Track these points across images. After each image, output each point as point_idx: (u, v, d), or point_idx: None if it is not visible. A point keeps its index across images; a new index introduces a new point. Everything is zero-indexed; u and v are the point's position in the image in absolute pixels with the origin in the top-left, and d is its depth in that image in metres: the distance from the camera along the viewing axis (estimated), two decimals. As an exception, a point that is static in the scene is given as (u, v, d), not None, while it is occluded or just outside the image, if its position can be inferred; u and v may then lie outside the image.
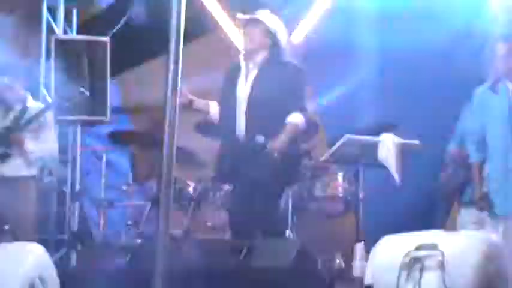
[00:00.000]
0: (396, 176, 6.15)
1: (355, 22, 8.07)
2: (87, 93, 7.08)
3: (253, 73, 6.25)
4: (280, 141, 6.03)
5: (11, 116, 6.79)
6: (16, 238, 6.37)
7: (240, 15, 6.42)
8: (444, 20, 7.70)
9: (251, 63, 6.27)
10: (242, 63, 6.31)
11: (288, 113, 6.13)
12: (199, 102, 6.40)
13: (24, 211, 6.64)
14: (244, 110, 6.17)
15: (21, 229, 6.57)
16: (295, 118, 6.14)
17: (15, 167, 6.68)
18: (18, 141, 6.65)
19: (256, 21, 6.29)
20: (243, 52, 6.34)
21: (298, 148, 6.31)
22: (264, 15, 6.35)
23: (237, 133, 6.17)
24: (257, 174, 6.00)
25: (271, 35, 6.28)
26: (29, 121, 6.71)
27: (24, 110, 6.81)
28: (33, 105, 6.88)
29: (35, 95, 7.40)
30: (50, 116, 6.89)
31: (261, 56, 6.27)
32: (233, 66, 6.39)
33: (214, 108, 6.43)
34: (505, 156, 5.74)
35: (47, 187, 7.95)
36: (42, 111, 6.74)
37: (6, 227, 6.76)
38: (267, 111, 6.10)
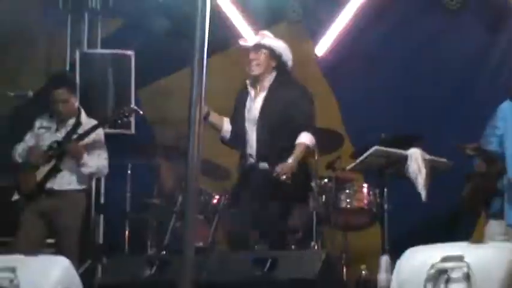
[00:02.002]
0: (423, 194, 6.15)
1: (380, 32, 8.06)
2: (140, 112, 7.10)
3: (261, 96, 6.28)
4: (289, 165, 6.03)
5: (63, 130, 6.82)
6: (60, 251, 6.40)
7: (243, 42, 6.44)
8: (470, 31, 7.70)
9: (259, 87, 6.32)
10: (250, 88, 6.35)
11: (298, 133, 6.14)
12: (214, 116, 6.43)
13: (71, 224, 6.67)
14: (255, 133, 6.20)
15: (66, 242, 6.61)
16: (304, 138, 6.16)
17: (64, 181, 6.71)
18: (76, 151, 6.67)
19: (260, 46, 6.31)
20: (250, 77, 6.36)
21: (309, 167, 6.31)
22: (267, 39, 6.37)
23: (249, 154, 6.20)
24: (267, 195, 6.04)
25: (276, 58, 6.31)
26: (81, 137, 6.73)
27: (77, 124, 6.83)
28: (86, 120, 6.90)
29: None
30: (101, 132, 6.90)
31: (268, 80, 6.31)
32: (242, 90, 6.43)
33: (227, 125, 6.47)
34: None
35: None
36: (94, 127, 6.76)
37: (52, 240, 6.82)
38: (277, 134, 6.14)
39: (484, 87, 7.56)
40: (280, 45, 6.37)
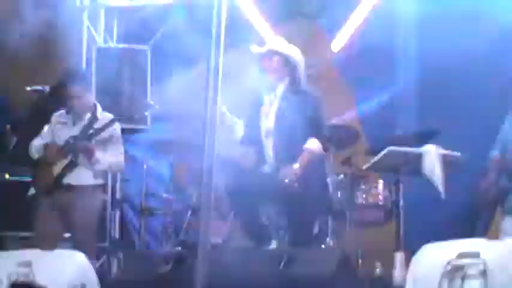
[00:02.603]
0: (442, 189, 6.13)
1: (395, 29, 8.04)
2: (156, 107, 7.10)
3: (275, 106, 6.26)
4: (292, 170, 6.02)
5: (80, 125, 6.85)
6: (76, 246, 6.42)
7: (255, 49, 6.39)
8: (487, 26, 7.66)
9: (272, 95, 6.29)
10: (264, 96, 6.33)
11: (307, 139, 6.14)
12: (227, 118, 6.41)
13: (88, 219, 6.69)
14: (271, 142, 6.18)
15: (83, 237, 6.64)
16: (312, 144, 6.14)
17: (81, 176, 6.74)
18: (86, 150, 6.69)
19: (273, 53, 6.28)
20: (264, 84, 6.34)
21: (319, 174, 6.29)
22: (279, 45, 6.34)
23: (267, 162, 6.20)
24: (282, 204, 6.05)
25: (289, 64, 6.28)
26: (97, 132, 6.75)
27: (93, 120, 6.84)
28: (102, 115, 6.93)
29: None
30: (118, 127, 6.93)
31: (280, 87, 6.28)
32: (256, 98, 6.41)
33: (239, 129, 6.44)
34: None
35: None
36: (111, 122, 6.78)
37: (67, 235, 6.85)
38: (292, 142, 6.12)
39: (504, 80, 7.51)
40: (292, 51, 6.33)
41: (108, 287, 5.23)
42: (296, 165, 6.05)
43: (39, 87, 7.01)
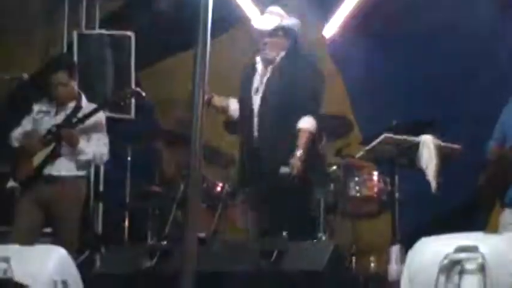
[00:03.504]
0: (434, 184, 6.13)
1: (391, 14, 8.02)
2: (143, 94, 7.07)
3: (269, 74, 6.24)
4: (298, 161, 6.00)
5: (63, 114, 6.81)
6: (56, 240, 6.40)
7: (260, 26, 6.33)
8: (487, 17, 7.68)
9: (269, 67, 6.27)
10: (259, 66, 6.30)
11: (302, 113, 6.09)
12: (218, 100, 6.40)
13: (70, 213, 6.67)
14: (258, 111, 6.16)
15: (64, 231, 6.61)
16: (306, 123, 6.10)
17: (63, 167, 6.70)
18: (71, 138, 6.66)
19: (278, 30, 6.24)
20: (262, 58, 6.31)
21: (317, 152, 6.27)
22: (285, 20, 6.29)
23: (254, 135, 6.17)
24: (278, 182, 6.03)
25: (290, 36, 6.26)
26: (81, 120, 6.72)
27: (77, 108, 6.82)
28: (87, 104, 6.89)
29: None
30: (102, 117, 6.89)
31: (279, 57, 6.26)
32: (248, 66, 6.38)
33: (233, 105, 6.43)
34: None
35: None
36: (94, 111, 6.75)
37: (48, 229, 6.82)
38: (280, 111, 6.09)
39: (502, 70, 7.52)
40: (295, 24, 6.31)
41: (90, 282, 5.21)
42: (299, 153, 6.02)
43: (17, 75, 6.96)
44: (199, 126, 3.32)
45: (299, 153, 6.03)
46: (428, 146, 6.23)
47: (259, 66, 6.32)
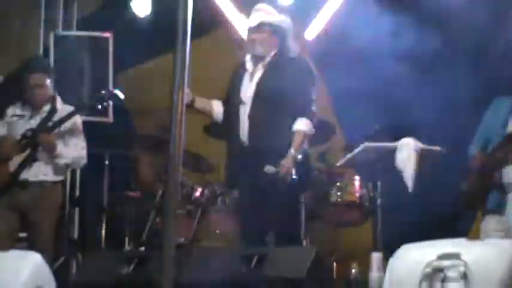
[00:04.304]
0: (409, 183, 6.17)
1: (372, 17, 8.05)
2: (122, 96, 7.07)
3: (259, 73, 6.25)
4: (290, 161, 6.00)
5: (38, 118, 6.79)
6: (32, 246, 6.39)
7: (248, 23, 6.36)
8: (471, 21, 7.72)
9: (260, 65, 6.27)
10: (249, 65, 6.30)
11: (294, 116, 6.10)
12: (200, 102, 6.39)
13: (46, 218, 6.65)
14: (249, 112, 6.16)
15: (40, 237, 6.60)
16: (302, 125, 6.11)
17: (39, 172, 6.68)
18: (48, 142, 6.63)
19: (264, 25, 6.25)
20: (250, 55, 6.32)
21: (308, 154, 6.29)
22: (270, 16, 6.30)
23: (241, 137, 6.16)
24: (265, 185, 6.03)
25: (279, 32, 6.27)
26: (57, 124, 6.69)
27: (52, 111, 6.79)
28: (62, 106, 6.86)
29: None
30: (79, 120, 6.88)
31: (269, 56, 6.27)
32: (238, 67, 6.38)
33: (217, 107, 6.42)
34: None
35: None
36: (71, 114, 6.72)
37: (23, 234, 6.79)
38: (272, 114, 6.09)
39: (483, 76, 7.57)
40: (283, 21, 6.32)
41: (66, 289, 5.22)
42: (292, 152, 6.02)
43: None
44: (179, 130, 3.33)
45: (292, 153, 6.03)
46: (407, 148, 6.27)
47: (249, 64, 6.31)
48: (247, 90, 6.22)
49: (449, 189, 6.54)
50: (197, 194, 7.25)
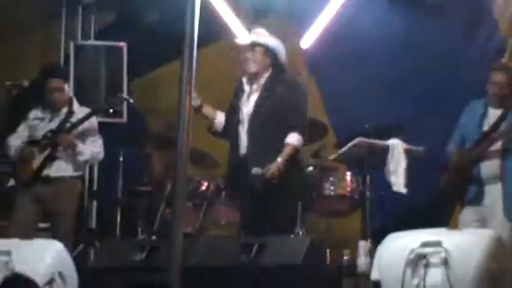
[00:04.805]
0: (403, 186, 6.16)
1: (363, 24, 8.03)
2: (131, 100, 7.06)
3: (256, 94, 6.21)
4: (276, 166, 6.00)
5: (57, 120, 6.80)
6: (54, 234, 6.40)
7: (238, 41, 6.33)
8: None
9: (255, 85, 6.24)
10: (246, 87, 6.27)
11: (288, 132, 6.10)
12: (207, 109, 6.35)
13: (66, 209, 6.67)
14: (247, 131, 6.14)
15: (61, 227, 6.61)
16: (293, 139, 6.09)
17: (59, 168, 6.70)
18: (68, 142, 6.65)
19: (256, 45, 6.22)
20: (246, 74, 6.28)
21: (297, 165, 6.26)
22: (262, 37, 6.28)
23: (240, 153, 6.14)
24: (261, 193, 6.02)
25: (271, 54, 6.24)
26: (75, 124, 6.71)
27: (70, 113, 6.80)
28: (79, 109, 6.88)
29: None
30: (94, 120, 6.88)
31: (264, 77, 6.24)
32: (238, 87, 6.36)
33: (219, 119, 6.37)
34: None
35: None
36: (87, 116, 6.74)
37: (44, 225, 6.81)
38: (269, 132, 6.08)
39: (467, 80, 7.55)
40: (274, 43, 6.28)
41: (84, 274, 5.20)
42: (279, 160, 6.01)
43: (17, 82, 6.94)
44: (186, 130, 3.32)
45: (279, 160, 6.02)
46: (397, 151, 6.26)
47: (246, 86, 6.28)
48: (245, 110, 6.19)
49: (432, 182, 6.53)
50: (203, 187, 7.25)
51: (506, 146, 6.02)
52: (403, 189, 6.26)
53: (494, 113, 6.12)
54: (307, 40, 8.42)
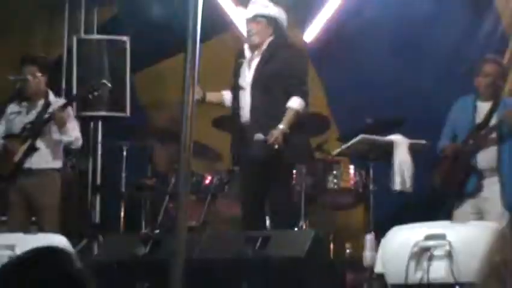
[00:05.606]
0: (409, 183, 6.15)
1: (366, 18, 8.01)
2: (109, 85, 7.07)
3: (257, 59, 6.22)
4: (278, 132, 5.97)
5: (34, 112, 6.82)
6: (41, 229, 6.41)
7: (242, 14, 6.34)
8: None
9: (256, 51, 6.26)
10: (247, 53, 6.28)
11: (289, 95, 6.08)
12: (211, 95, 6.37)
13: (50, 202, 6.69)
14: (249, 97, 6.13)
15: (48, 219, 6.62)
16: (295, 103, 6.06)
17: (41, 160, 6.72)
18: (61, 117, 6.65)
19: (259, 17, 6.23)
20: (248, 45, 6.30)
21: (302, 132, 6.21)
22: (263, 8, 6.27)
23: (243, 120, 6.14)
24: (262, 161, 6.00)
25: (274, 23, 6.25)
26: (52, 116, 6.73)
27: (46, 105, 6.83)
28: (55, 99, 6.90)
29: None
30: (70, 111, 6.91)
31: (265, 44, 6.25)
32: (239, 53, 6.37)
33: (227, 95, 6.39)
34: None
35: (70, 180, 8.00)
36: (64, 105, 6.76)
37: (33, 218, 6.81)
38: (270, 96, 6.07)
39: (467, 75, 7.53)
40: (276, 11, 6.28)
41: (88, 268, 5.21)
42: (281, 126, 5.99)
43: (21, 76, 6.93)
44: (189, 123, 3.32)
45: (282, 126, 5.99)
46: (401, 148, 6.26)
47: (247, 52, 6.30)
48: (246, 76, 6.19)
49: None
50: (207, 181, 7.24)
51: (501, 137, 6.01)
52: (409, 189, 6.26)
53: (484, 106, 6.12)
54: (310, 33, 8.41)
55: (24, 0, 8.88)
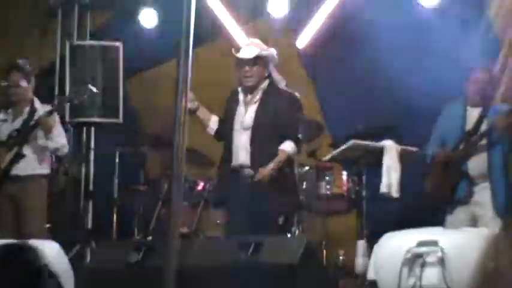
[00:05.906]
0: (395, 189, 6.16)
1: (358, 24, 8.02)
2: (96, 91, 7.05)
3: (254, 106, 6.17)
4: (268, 169, 6.00)
5: (20, 119, 6.82)
6: (29, 235, 6.38)
7: (240, 55, 6.24)
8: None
9: (251, 96, 6.20)
10: (241, 96, 6.24)
11: (284, 138, 6.11)
12: (202, 112, 6.31)
13: (33, 204, 6.68)
14: (248, 142, 6.12)
15: (35, 225, 6.61)
16: (287, 146, 6.10)
17: (28, 167, 6.71)
18: (48, 123, 6.66)
19: (259, 59, 6.17)
20: (243, 86, 6.26)
21: (289, 173, 6.25)
22: (261, 47, 6.23)
23: (233, 164, 6.13)
24: (251, 202, 6.01)
25: (269, 66, 6.22)
26: (38, 122, 6.73)
27: (32, 112, 6.82)
28: (41, 106, 6.89)
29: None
30: (56, 117, 6.90)
31: (261, 89, 6.21)
32: (232, 95, 6.33)
33: (213, 123, 6.34)
34: None
35: (62, 186, 7.99)
36: (50, 112, 6.75)
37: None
38: (267, 142, 6.08)
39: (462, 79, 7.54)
40: (274, 53, 6.24)
41: (81, 274, 5.19)
42: (271, 166, 6.02)
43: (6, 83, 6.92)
44: (182, 129, 3.31)
45: (271, 165, 6.02)
46: (391, 153, 6.26)
47: (241, 95, 6.26)
48: (245, 121, 6.16)
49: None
50: (199, 188, 7.24)
51: (491, 143, 6.01)
52: (395, 194, 6.26)
53: (473, 112, 6.12)
54: (303, 40, 8.42)
55: (18, 6, 8.88)
